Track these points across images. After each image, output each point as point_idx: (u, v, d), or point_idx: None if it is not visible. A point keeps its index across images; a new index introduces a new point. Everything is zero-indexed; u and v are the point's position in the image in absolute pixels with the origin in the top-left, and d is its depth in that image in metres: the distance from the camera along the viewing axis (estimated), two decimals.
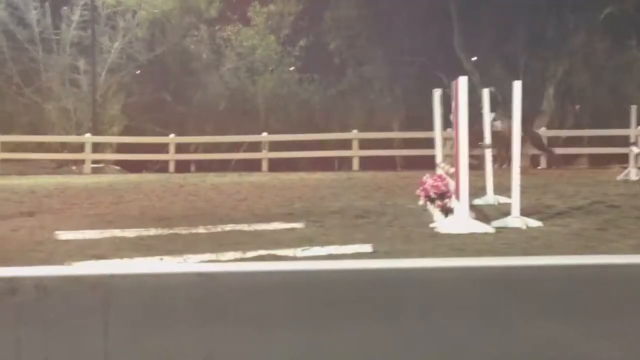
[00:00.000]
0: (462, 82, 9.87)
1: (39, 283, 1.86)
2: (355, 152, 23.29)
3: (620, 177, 16.90)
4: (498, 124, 19.28)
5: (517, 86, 10.12)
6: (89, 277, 1.88)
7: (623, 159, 19.32)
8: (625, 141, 19.78)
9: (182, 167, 24.53)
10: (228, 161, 25.56)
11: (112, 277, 1.88)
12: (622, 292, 2.04)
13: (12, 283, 1.86)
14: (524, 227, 9.57)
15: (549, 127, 25.12)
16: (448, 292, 1.98)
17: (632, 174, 16.90)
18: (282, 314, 1.84)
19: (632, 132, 19.39)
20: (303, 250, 8.34)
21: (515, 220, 9.74)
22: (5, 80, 27.50)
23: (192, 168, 25.58)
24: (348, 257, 7.84)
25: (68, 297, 1.87)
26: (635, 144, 18.09)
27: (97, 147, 25.28)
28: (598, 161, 23.09)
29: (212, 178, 19.38)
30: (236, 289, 1.84)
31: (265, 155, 23.42)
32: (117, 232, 9.78)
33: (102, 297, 1.82)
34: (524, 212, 10.07)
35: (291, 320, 1.84)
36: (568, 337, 2.02)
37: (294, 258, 8.01)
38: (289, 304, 1.85)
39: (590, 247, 8.25)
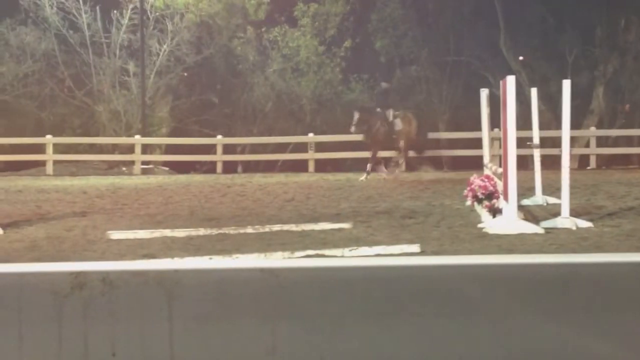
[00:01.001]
0: (510, 81, 9.81)
1: (106, 277, 1.92)
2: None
3: None
4: (398, 121, 19.14)
5: (567, 85, 10.00)
6: (154, 272, 1.93)
7: None
8: None
9: (230, 167, 24.70)
10: (275, 162, 25.69)
11: (176, 272, 1.93)
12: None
13: (80, 277, 1.93)
14: (574, 227, 9.46)
15: (598, 127, 24.76)
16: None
17: None
18: (344, 309, 1.88)
19: None
20: (351, 250, 8.38)
21: (565, 220, 9.64)
22: (57, 84, 28.01)
23: (239, 169, 25.76)
24: (395, 256, 7.84)
25: (134, 291, 1.93)
26: None
27: (146, 149, 25.61)
28: None
29: (259, 179, 19.52)
30: (298, 284, 1.88)
31: (311, 155, 23.46)
32: (167, 232, 9.92)
33: (167, 292, 1.88)
34: (574, 213, 9.97)
35: (353, 316, 1.87)
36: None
37: (340, 257, 8.04)
38: (351, 299, 1.89)
39: None
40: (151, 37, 27.73)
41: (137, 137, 25.04)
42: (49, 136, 24.22)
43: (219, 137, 24.95)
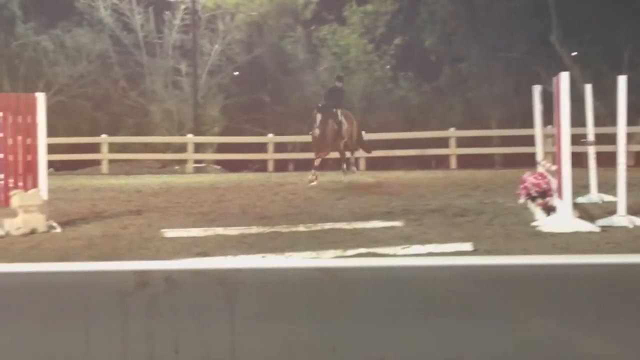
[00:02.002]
0: (564, 77, 9.69)
1: (169, 276, 1.97)
2: (453, 150, 23.11)
3: None
4: (344, 120, 18.20)
5: (622, 81, 9.81)
6: (216, 271, 1.98)
7: None
8: None
9: (281, 166, 24.84)
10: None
11: (238, 271, 1.97)
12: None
13: (144, 276, 1.98)
14: (631, 226, 9.31)
15: None
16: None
17: None
18: (403, 309, 1.90)
19: None
20: (403, 248, 8.37)
21: (622, 219, 9.48)
22: (111, 84, 28.51)
23: (291, 167, 25.87)
24: (448, 255, 7.81)
25: (196, 290, 1.97)
26: None
27: (198, 147, 25.89)
28: None
29: (310, 177, 19.51)
30: (357, 284, 1.91)
31: (362, 153, 23.42)
32: (220, 230, 10.02)
33: (228, 291, 1.92)
34: (631, 211, 9.78)
35: (411, 315, 1.89)
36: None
37: (394, 256, 8.04)
38: (409, 299, 1.91)
39: None
40: (203, 37, 28.04)
41: (190, 136, 25.32)
42: (104, 135, 24.64)
43: (270, 135, 25.09)
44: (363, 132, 23.95)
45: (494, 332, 1.92)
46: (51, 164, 15.69)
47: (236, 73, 29.51)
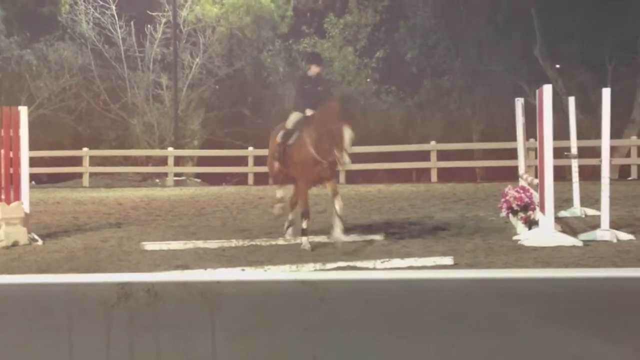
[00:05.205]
0: (547, 90, 9.66)
1: (151, 288, 1.95)
2: (434, 164, 23.11)
3: None
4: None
5: (607, 94, 9.78)
6: (197, 283, 1.96)
7: None
8: None
9: (261, 179, 24.75)
10: None
11: (219, 283, 1.95)
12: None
13: (126, 288, 1.96)
14: (615, 240, 9.27)
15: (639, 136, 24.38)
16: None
17: None
18: (384, 322, 1.88)
19: None
20: (382, 262, 8.33)
21: (605, 233, 9.42)
22: (93, 97, 28.42)
23: (271, 180, 25.80)
24: (428, 269, 7.79)
25: (178, 302, 1.95)
26: None
27: (179, 161, 25.83)
28: None
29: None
30: (338, 296, 1.89)
31: (344, 167, 23.38)
32: (200, 243, 9.98)
33: (210, 303, 1.90)
34: (614, 225, 9.75)
35: (392, 329, 1.87)
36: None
37: (374, 269, 8.03)
38: (391, 310, 1.89)
39: None
40: (184, 51, 28.07)
41: (170, 149, 25.27)
42: (85, 149, 24.57)
43: (251, 148, 25.04)
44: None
45: (475, 344, 1.91)
46: (34, 177, 15.60)
47: (217, 86, 29.50)
